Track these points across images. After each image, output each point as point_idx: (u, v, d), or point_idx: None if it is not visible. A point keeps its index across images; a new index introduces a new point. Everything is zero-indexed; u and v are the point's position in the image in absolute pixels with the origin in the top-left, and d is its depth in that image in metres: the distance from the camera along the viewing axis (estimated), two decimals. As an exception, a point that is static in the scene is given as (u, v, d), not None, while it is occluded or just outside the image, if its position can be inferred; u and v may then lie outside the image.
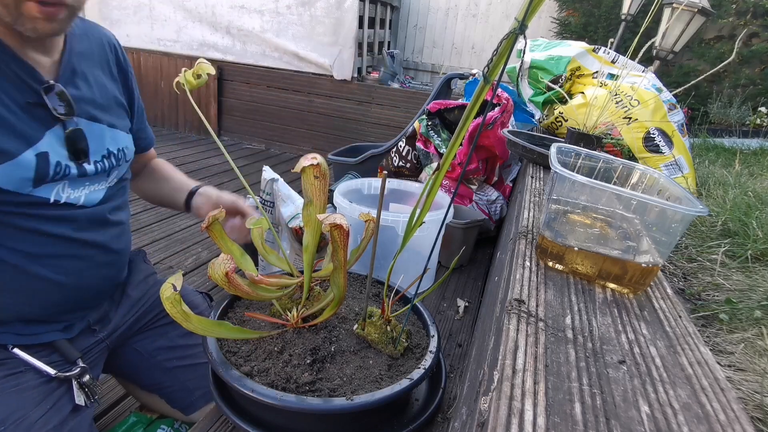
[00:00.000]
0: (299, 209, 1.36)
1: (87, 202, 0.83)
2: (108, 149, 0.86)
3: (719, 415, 0.36)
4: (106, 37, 0.95)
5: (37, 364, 0.80)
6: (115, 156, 0.88)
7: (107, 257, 0.89)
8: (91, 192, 0.84)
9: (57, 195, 0.78)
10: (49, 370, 0.81)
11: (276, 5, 4.18)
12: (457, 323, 0.95)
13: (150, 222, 2.81)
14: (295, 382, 0.54)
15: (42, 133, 0.75)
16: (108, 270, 0.91)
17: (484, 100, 0.69)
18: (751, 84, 3.68)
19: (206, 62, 0.62)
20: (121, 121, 0.92)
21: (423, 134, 1.42)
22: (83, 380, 0.85)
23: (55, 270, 0.80)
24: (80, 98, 0.81)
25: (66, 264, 0.82)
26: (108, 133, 0.87)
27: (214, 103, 4.77)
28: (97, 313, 0.93)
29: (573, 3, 4.17)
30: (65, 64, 0.80)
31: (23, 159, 0.71)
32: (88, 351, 0.91)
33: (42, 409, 0.78)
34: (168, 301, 0.49)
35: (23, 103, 0.73)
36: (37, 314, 0.83)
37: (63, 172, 0.77)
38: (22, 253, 0.77)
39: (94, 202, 0.85)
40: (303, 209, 0.62)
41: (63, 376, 0.82)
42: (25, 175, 0.72)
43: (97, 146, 0.84)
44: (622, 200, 0.57)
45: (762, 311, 0.73)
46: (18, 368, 0.79)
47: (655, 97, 1.24)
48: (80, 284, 0.85)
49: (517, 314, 0.46)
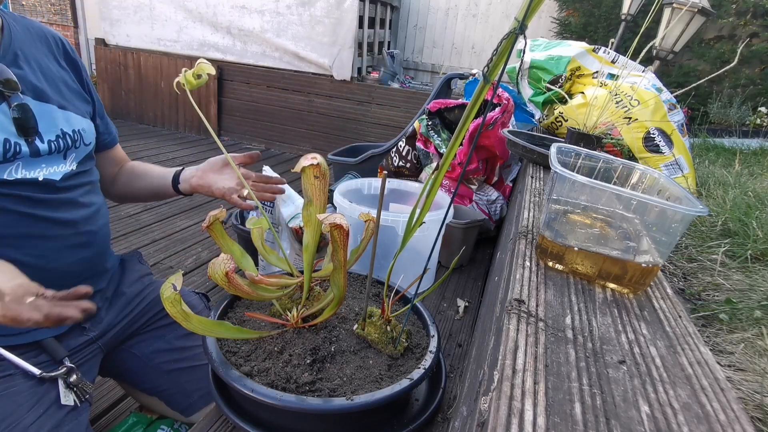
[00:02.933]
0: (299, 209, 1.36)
1: (47, 178, 0.82)
2: (62, 130, 0.85)
3: (719, 415, 0.36)
4: (51, 33, 0.94)
5: (23, 364, 0.78)
6: (70, 137, 0.86)
7: (79, 238, 0.87)
8: (49, 173, 0.83)
9: (10, 175, 0.77)
10: (34, 370, 0.79)
11: (276, 5, 4.18)
12: (457, 323, 0.95)
13: (150, 222, 2.81)
14: (295, 382, 0.54)
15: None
16: (83, 251, 0.89)
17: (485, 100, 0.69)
18: (751, 84, 3.68)
19: (206, 62, 0.62)
20: (75, 104, 0.91)
21: (423, 134, 1.42)
22: (70, 380, 0.82)
23: (21, 251, 0.79)
24: (24, 77, 0.81)
25: (33, 244, 0.80)
26: (59, 114, 0.86)
27: (214, 103, 4.77)
28: None
29: (573, 3, 4.17)
30: (5, 48, 0.80)
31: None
32: (77, 351, 0.89)
33: (35, 413, 0.76)
34: (168, 300, 0.49)
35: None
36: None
37: (14, 150, 0.76)
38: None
39: (56, 179, 0.84)
40: (303, 209, 0.62)
41: (48, 376, 0.80)
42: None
43: (47, 125, 0.83)
44: (622, 200, 0.57)
45: (762, 311, 0.73)
46: (7, 371, 0.78)
47: (655, 97, 1.24)
48: (52, 266, 0.83)
49: (517, 314, 0.46)
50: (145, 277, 1.07)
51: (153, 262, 2.37)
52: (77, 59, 0.97)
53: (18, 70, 0.80)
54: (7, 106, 0.77)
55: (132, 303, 1.01)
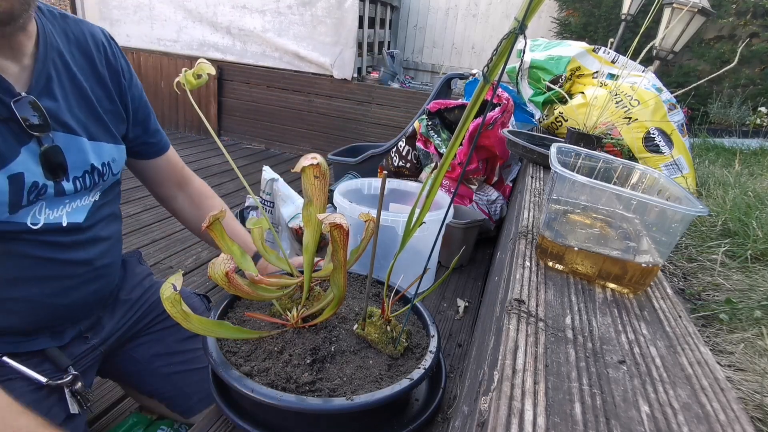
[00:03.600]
0: (299, 209, 1.36)
1: (71, 223, 0.78)
2: (91, 164, 0.79)
3: (719, 415, 0.36)
4: (92, 34, 0.84)
5: (28, 372, 0.78)
6: (98, 171, 0.81)
7: (95, 273, 0.85)
8: (72, 210, 0.78)
9: (34, 218, 0.72)
10: (40, 378, 0.78)
11: (277, 5, 4.18)
12: (457, 323, 0.95)
13: (150, 222, 2.81)
14: (295, 382, 0.54)
15: (18, 150, 0.68)
16: (97, 284, 0.87)
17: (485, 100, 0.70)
18: (751, 84, 3.68)
19: (206, 62, 0.62)
20: (106, 131, 0.84)
21: (423, 134, 1.42)
22: (75, 388, 0.83)
23: (33, 291, 0.77)
24: (56, 110, 0.74)
25: (48, 284, 0.78)
26: (89, 146, 0.79)
27: (214, 103, 4.77)
28: (89, 321, 0.91)
29: (573, 3, 4.17)
30: (39, 72, 0.72)
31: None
32: (80, 358, 0.89)
33: None
34: (168, 301, 0.49)
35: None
36: (24, 328, 0.80)
37: (39, 192, 0.71)
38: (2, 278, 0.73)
39: (79, 221, 0.79)
40: (303, 209, 0.62)
41: (54, 384, 0.80)
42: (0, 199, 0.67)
43: (76, 161, 0.77)
44: (622, 200, 0.57)
45: (762, 311, 0.73)
46: (7, 376, 0.78)
47: (655, 97, 1.24)
48: (67, 302, 0.82)
49: (517, 314, 0.46)
50: (145, 279, 1.06)
51: (153, 262, 2.37)
52: (119, 66, 0.88)
53: (50, 101, 0.73)
54: (37, 145, 0.71)
55: (133, 308, 1.00)
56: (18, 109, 0.68)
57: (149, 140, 0.96)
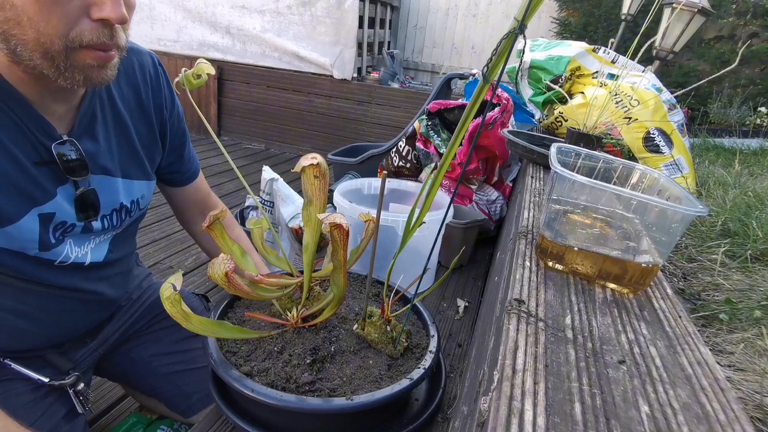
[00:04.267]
0: (299, 209, 1.36)
1: (93, 260, 0.78)
2: (121, 203, 0.79)
3: (719, 415, 0.36)
4: (141, 64, 0.81)
5: (30, 374, 0.79)
6: (126, 209, 0.80)
7: (104, 304, 0.86)
8: (96, 245, 0.78)
9: (65, 257, 0.72)
10: (42, 378, 0.79)
11: (276, 5, 4.18)
12: (457, 323, 0.95)
13: (150, 222, 2.80)
14: (295, 382, 0.54)
15: (54, 191, 0.68)
16: (103, 313, 0.89)
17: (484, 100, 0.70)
18: (751, 84, 3.68)
19: (206, 62, 0.61)
20: (140, 168, 0.82)
21: (423, 134, 1.42)
22: (78, 388, 0.83)
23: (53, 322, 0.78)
24: (96, 152, 0.72)
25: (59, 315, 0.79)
26: (121, 185, 0.78)
27: (214, 103, 4.77)
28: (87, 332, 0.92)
29: (573, 3, 4.17)
30: (84, 111, 0.70)
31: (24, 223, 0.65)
32: (80, 361, 0.90)
33: (33, 416, 0.77)
34: (168, 300, 0.49)
35: (34, 161, 0.65)
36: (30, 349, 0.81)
37: (65, 230, 0.71)
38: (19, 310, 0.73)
39: (100, 258, 0.79)
40: (303, 209, 0.62)
41: (57, 384, 0.81)
42: (30, 237, 0.67)
43: (107, 201, 0.76)
44: (622, 200, 0.57)
45: (762, 311, 0.73)
46: (7, 376, 0.78)
47: (655, 97, 1.24)
48: (78, 327, 0.84)
49: (517, 314, 0.46)
50: (143, 280, 1.06)
51: (153, 262, 2.37)
52: (163, 96, 0.85)
53: (91, 143, 0.71)
54: (72, 187, 0.70)
55: (132, 309, 1.01)
56: (58, 153, 0.66)
57: (181, 168, 0.95)
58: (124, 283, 0.91)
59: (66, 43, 0.55)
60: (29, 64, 0.56)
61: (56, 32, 0.54)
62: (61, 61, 0.56)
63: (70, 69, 0.57)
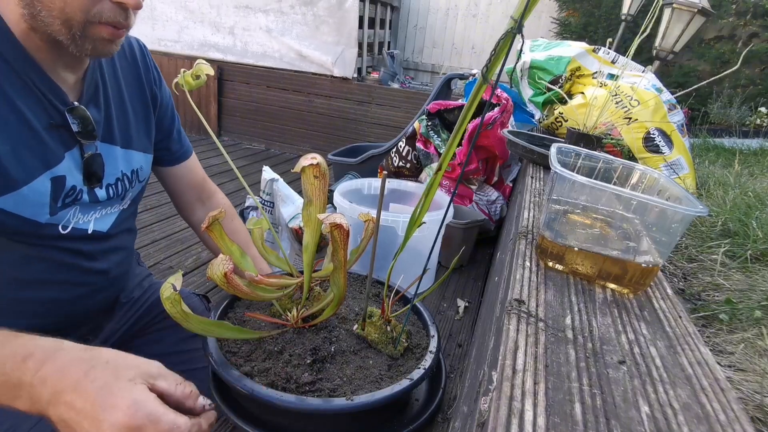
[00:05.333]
0: (299, 209, 1.36)
1: (96, 230, 0.79)
2: (122, 171, 0.82)
3: (719, 415, 0.36)
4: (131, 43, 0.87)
5: None
6: (128, 178, 0.83)
7: (109, 282, 0.86)
8: (101, 216, 0.80)
9: (66, 221, 0.74)
10: None
11: (279, 5, 4.19)
12: (457, 323, 0.95)
13: (150, 222, 2.81)
14: (295, 382, 0.54)
15: (62, 155, 0.71)
16: (107, 293, 0.89)
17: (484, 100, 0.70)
18: (751, 84, 3.68)
19: (205, 63, 0.62)
20: (138, 140, 0.86)
21: (423, 134, 1.42)
22: None
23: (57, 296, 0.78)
24: (100, 119, 0.77)
25: (69, 291, 0.79)
26: (121, 154, 0.82)
27: (214, 103, 4.77)
28: (90, 326, 0.91)
29: (573, 3, 4.17)
30: (89, 81, 0.75)
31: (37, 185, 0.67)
32: None
33: (33, 419, 0.76)
34: (168, 301, 0.49)
35: (47, 124, 0.68)
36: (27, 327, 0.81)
37: (75, 197, 0.73)
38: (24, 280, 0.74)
39: (103, 230, 0.81)
40: (303, 209, 0.62)
41: None
42: (41, 200, 0.68)
43: (109, 169, 0.79)
44: (622, 200, 0.57)
45: (762, 311, 0.73)
46: None
47: (655, 98, 1.24)
48: (77, 309, 0.83)
49: (517, 314, 0.46)
50: (144, 280, 1.06)
51: (153, 262, 2.37)
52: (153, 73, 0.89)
53: (95, 110, 0.76)
54: (79, 153, 0.73)
55: (132, 309, 1.00)
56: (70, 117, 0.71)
57: (171, 146, 0.97)
58: (126, 263, 0.91)
59: (87, 18, 0.61)
60: (47, 30, 0.62)
61: (81, 6, 0.61)
62: (77, 31, 0.62)
63: (82, 39, 0.63)
